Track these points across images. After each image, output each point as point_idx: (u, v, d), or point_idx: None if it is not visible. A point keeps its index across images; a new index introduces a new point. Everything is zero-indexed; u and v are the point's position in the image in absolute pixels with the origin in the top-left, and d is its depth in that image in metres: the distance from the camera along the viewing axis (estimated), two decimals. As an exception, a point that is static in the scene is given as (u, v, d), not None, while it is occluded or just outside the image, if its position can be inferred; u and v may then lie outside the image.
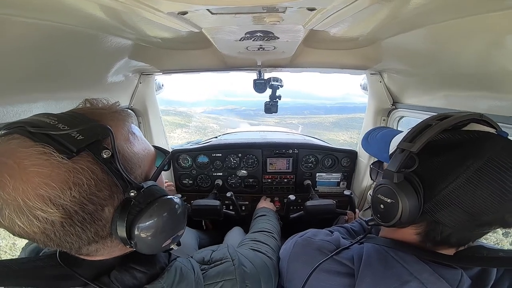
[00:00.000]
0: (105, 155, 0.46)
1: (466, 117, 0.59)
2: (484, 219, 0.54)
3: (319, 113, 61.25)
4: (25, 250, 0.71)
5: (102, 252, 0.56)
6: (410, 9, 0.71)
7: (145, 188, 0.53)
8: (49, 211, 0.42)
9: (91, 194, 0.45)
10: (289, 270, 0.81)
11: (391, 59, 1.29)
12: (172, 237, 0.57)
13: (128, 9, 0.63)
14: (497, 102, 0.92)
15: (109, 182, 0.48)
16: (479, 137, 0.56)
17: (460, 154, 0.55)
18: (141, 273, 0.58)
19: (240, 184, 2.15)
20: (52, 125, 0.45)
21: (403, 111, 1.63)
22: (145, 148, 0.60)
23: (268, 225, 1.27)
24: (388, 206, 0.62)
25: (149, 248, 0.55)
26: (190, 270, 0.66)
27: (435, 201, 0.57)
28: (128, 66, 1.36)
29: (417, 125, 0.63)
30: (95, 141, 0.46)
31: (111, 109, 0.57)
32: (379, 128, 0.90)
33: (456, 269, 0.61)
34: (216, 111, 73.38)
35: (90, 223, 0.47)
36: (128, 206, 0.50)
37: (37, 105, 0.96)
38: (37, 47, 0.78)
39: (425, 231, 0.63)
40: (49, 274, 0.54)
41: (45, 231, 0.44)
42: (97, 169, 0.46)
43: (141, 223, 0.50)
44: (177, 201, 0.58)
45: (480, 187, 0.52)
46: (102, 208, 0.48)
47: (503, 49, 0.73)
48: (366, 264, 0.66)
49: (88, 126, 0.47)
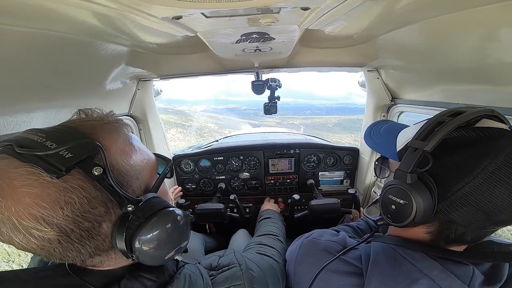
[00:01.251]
0: (96, 172, 0.45)
1: (478, 113, 0.58)
2: (500, 218, 0.53)
3: (321, 114, 60.33)
4: (34, 260, 0.72)
5: (108, 263, 0.56)
6: (404, 5, 0.71)
7: (143, 201, 0.52)
8: (44, 230, 0.42)
9: (85, 212, 0.44)
10: (296, 272, 0.80)
11: (387, 56, 1.29)
12: (175, 249, 0.56)
13: (122, 15, 0.64)
14: (495, 94, 0.92)
15: (103, 199, 0.47)
16: (494, 134, 0.54)
17: (477, 153, 0.53)
18: (150, 281, 0.57)
19: (243, 186, 2.15)
20: (39, 143, 0.44)
21: (402, 106, 1.63)
22: (144, 158, 0.58)
23: (273, 227, 1.27)
24: (401, 207, 0.60)
25: (151, 260, 0.54)
26: (198, 276, 0.66)
27: (450, 201, 0.55)
28: (125, 72, 1.36)
29: (428, 121, 0.61)
30: (86, 157, 0.45)
31: (103, 120, 0.55)
32: (381, 122, 0.87)
33: (467, 265, 0.60)
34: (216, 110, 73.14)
35: (88, 239, 0.47)
36: (126, 221, 0.49)
37: (36, 114, 0.96)
38: (33, 57, 0.79)
39: (438, 230, 0.61)
40: (59, 283, 0.53)
41: (43, 247, 0.44)
42: (88, 186, 0.45)
43: (141, 237, 0.50)
44: (178, 212, 0.56)
45: (498, 186, 0.50)
46: (99, 224, 0.48)
47: (498, 42, 0.72)
48: (374, 263, 0.65)
49: (76, 143, 0.45)
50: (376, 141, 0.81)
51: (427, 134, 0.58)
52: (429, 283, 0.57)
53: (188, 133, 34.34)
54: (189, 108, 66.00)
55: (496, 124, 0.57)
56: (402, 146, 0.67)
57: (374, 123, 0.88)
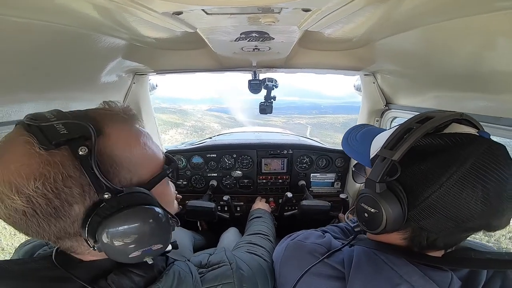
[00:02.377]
0: (81, 152, 0.46)
1: (447, 118, 0.58)
2: (469, 225, 0.54)
3: (327, 113, 59.40)
4: (18, 252, 0.70)
5: (81, 250, 0.54)
6: (403, 11, 0.72)
7: (124, 193, 0.51)
8: (13, 198, 0.43)
9: (56, 189, 0.44)
10: (281, 273, 0.81)
11: (384, 60, 1.30)
12: (143, 250, 0.52)
13: (122, 9, 0.63)
14: (486, 102, 0.93)
15: (81, 181, 0.47)
16: (461, 141, 0.55)
17: (443, 161, 0.54)
18: (139, 277, 0.57)
19: (235, 184, 2.15)
20: (47, 118, 0.48)
21: (396, 111, 1.65)
22: (148, 154, 0.58)
23: (263, 227, 1.28)
24: (372, 215, 0.61)
25: (113, 255, 0.51)
26: (188, 273, 0.65)
27: (419, 209, 0.56)
28: (121, 66, 1.34)
29: (398, 128, 0.61)
30: (78, 137, 0.47)
31: (115, 111, 0.57)
32: (358, 127, 0.86)
33: (445, 271, 0.61)
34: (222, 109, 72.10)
35: (55, 218, 0.46)
36: (96, 207, 0.48)
37: (27, 105, 0.94)
38: (28, 47, 0.77)
39: (411, 237, 0.62)
40: (45, 276, 0.53)
41: (9, 216, 0.45)
42: (69, 165, 0.45)
43: (106, 228, 0.48)
44: (159, 212, 0.54)
45: (464, 194, 0.51)
46: (70, 205, 0.46)
47: (492, 50, 0.74)
48: (356, 267, 0.66)
49: (75, 122, 0.48)
50: (352, 147, 0.80)
51: (396, 143, 0.58)
52: None
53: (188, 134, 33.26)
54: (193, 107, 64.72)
55: (466, 129, 0.58)
56: (374, 153, 0.68)
57: (352, 128, 0.87)
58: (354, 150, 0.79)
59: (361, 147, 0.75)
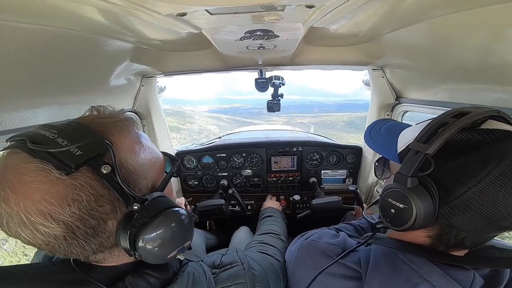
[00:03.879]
0: (104, 170, 0.45)
1: (484, 114, 0.55)
2: (503, 224, 0.51)
3: (330, 111, 58.06)
4: (38, 255, 0.72)
5: (111, 260, 0.56)
6: (410, 4, 0.70)
7: (149, 200, 0.53)
8: (50, 226, 0.42)
9: (91, 210, 0.45)
10: (294, 274, 0.80)
11: (392, 54, 1.28)
12: (178, 249, 0.56)
13: (127, 12, 0.64)
14: (501, 94, 0.91)
15: (110, 197, 0.48)
16: (500, 137, 0.52)
17: (481, 157, 0.51)
18: (154, 279, 0.58)
19: (245, 183, 2.16)
20: (51, 139, 0.45)
21: (406, 105, 1.62)
22: (152, 157, 0.59)
23: (275, 226, 1.27)
24: (400, 211, 0.58)
25: (153, 259, 0.54)
26: (202, 274, 0.66)
27: (452, 206, 0.53)
28: (129, 69, 1.36)
29: (431, 122, 0.58)
30: (95, 156, 0.46)
31: (114, 118, 0.55)
32: (382, 121, 0.84)
33: (468, 270, 0.59)
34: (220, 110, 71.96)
35: (93, 236, 0.47)
36: (131, 219, 0.50)
37: (41, 110, 0.97)
38: (38, 53, 0.79)
39: (438, 235, 0.60)
40: (64, 279, 0.54)
41: (49, 243, 0.45)
42: (96, 184, 0.45)
43: (145, 236, 0.50)
44: (182, 212, 0.56)
45: (503, 192, 0.48)
46: (104, 222, 0.48)
47: (504, 42, 0.71)
48: (373, 267, 0.64)
49: (87, 141, 0.47)
50: (376, 141, 0.78)
51: (430, 136, 0.56)
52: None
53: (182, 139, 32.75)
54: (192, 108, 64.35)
55: (503, 126, 0.55)
56: (403, 147, 0.65)
57: (374, 122, 0.85)
58: (378, 144, 0.77)
59: (386, 141, 0.74)
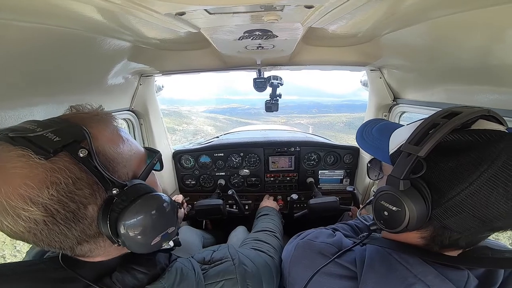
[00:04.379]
0: (81, 154, 0.47)
1: (475, 114, 0.55)
2: (496, 225, 0.52)
3: (328, 112, 57.60)
4: (29, 254, 0.72)
5: (97, 252, 0.56)
6: (408, 5, 0.70)
7: (129, 186, 0.54)
8: (30, 209, 0.44)
9: (70, 192, 0.46)
10: (291, 273, 0.80)
11: (390, 55, 1.28)
12: (161, 234, 0.57)
13: (125, 11, 0.63)
14: (497, 95, 0.91)
15: (89, 181, 0.49)
16: (491, 137, 0.52)
17: (473, 158, 0.51)
18: (142, 274, 0.58)
19: (243, 183, 2.16)
20: (31, 129, 0.47)
21: (404, 106, 1.63)
22: (132, 148, 0.61)
23: (270, 224, 1.27)
24: (393, 214, 0.58)
25: (137, 246, 0.55)
26: (190, 270, 0.66)
27: (445, 207, 0.53)
28: (127, 68, 1.36)
29: (422, 123, 0.58)
30: (72, 141, 0.48)
31: (92, 113, 0.59)
32: (374, 121, 0.84)
33: (462, 270, 0.59)
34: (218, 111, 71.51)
35: (74, 221, 0.48)
36: (110, 204, 0.51)
37: (38, 109, 0.96)
38: (35, 51, 0.78)
39: (432, 236, 0.60)
40: (52, 277, 0.54)
41: (30, 230, 0.46)
42: (74, 168, 0.47)
43: (126, 221, 0.51)
44: (164, 198, 0.58)
45: (495, 193, 0.48)
46: (84, 207, 0.49)
47: (502, 43, 0.72)
48: (368, 267, 0.65)
49: (63, 127, 0.50)
50: (368, 142, 0.78)
51: (421, 138, 0.56)
52: None
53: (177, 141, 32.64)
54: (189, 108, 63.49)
55: (493, 126, 0.55)
56: (394, 149, 0.65)
57: (366, 122, 0.85)
58: (370, 145, 0.77)
59: (378, 142, 0.74)
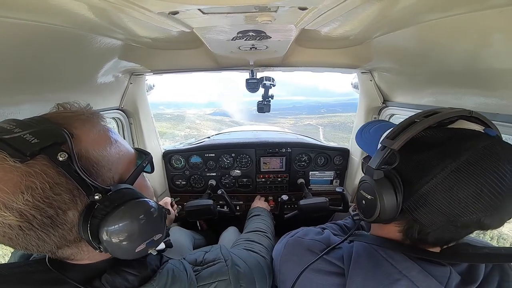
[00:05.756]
0: (61, 157, 0.45)
1: (453, 114, 0.58)
2: (460, 221, 0.53)
3: (337, 111, 56.28)
4: (14, 255, 0.70)
5: (81, 256, 0.55)
6: (400, 8, 0.72)
7: (113, 191, 0.51)
8: (3, 214, 0.42)
9: (47, 198, 0.44)
10: (281, 270, 0.81)
11: (381, 58, 1.30)
12: (146, 242, 0.54)
13: (117, 9, 0.62)
14: (484, 99, 0.94)
15: (68, 186, 0.46)
16: (462, 135, 0.55)
17: (440, 153, 0.54)
18: (132, 276, 0.57)
19: (234, 184, 2.15)
20: (8, 130, 0.45)
21: (393, 109, 1.66)
22: (120, 150, 0.58)
23: (262, 224, 1.27)
24: (369, 202, 0.62)
25: (120, 253, 0.52)
26: (182, 271, 0.66)
27: (413, 199, 0.57)
28: (118, 66, 1.34)
29: (403, 121, 0.63)
30: (52, 144, 0.45)
31: (78, 112, 0.55)
32: (375, 122, 0.87)
33: (444, 266, 0.61)
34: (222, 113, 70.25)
35: (52, 227, 0.46)
36: (92, 209, 0.49)
37: (24, 107, 0.93)
38: (23, 48, 0.76)
39: (405, 229, 0.63)
40: (39, 279, 0.53)
41: (5, 234, 0.44)
42: (52, 172, 0.45)
43: (108, 227, 0.48)
44: (151, 204, 0.55)
45: (456, 188, 0.51)
46: (64, 212, 0.47)
47: (488, 47, 0.74)
48: (355, 263, 0.66)
49: (42, 128, 0.47)
50: (364, 140, 0.82)
51: (397, 133, 0.59)
52: (408, 284, 0.58)
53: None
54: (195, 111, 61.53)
55: (472, 126, 0.58)
56: (379, 145, 0.69)
57: (368, 122, 0.89)
58: (365, 143, 0.81)
59: (372, 139, 0.77)
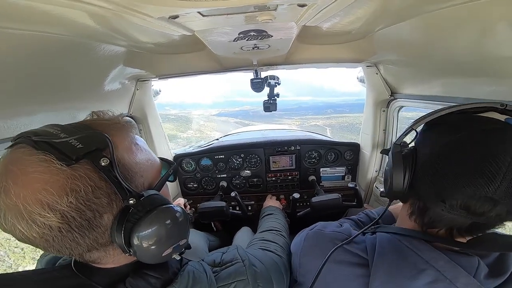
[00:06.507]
0: (103, 163, 0.47)
1: (477, 105, 0.58)
2: (448, 197, 0.54)
3: (344, 111, 55.60)
4: (41, 262, 0.72)
5: (106, 260, 0.56)
6: (399, 0, 0.70)
7: (145, 196, 0.53)
8: (47, 216, 0.43)
9: (88, 201, 0.46)
10: (301, 264, 0.80)
11: (385, 51, 1.28)
12: (173, 246, 0.57)
13: (118, 16, 0.63)
14: (493, 87, 0.91)
15: (108, 190, 0.49)
16: (479, 118, 0.56)
17: (448, 128, 0.58)
18: (155, 279, 0.58)
19: (245, 184, 2.16)
20: (54, 134, 0.47)
21: (402, 101, 1.63)
22: (149, 159, 0.60)
23: (275, 223, 1.27)
24: (386, 174, 0.69)
25: (148, 257, 0.54)
26: (202, 273, 0.67)
27: (416, 172, 0.61)
28: (123, 73, 1.36)
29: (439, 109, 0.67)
30: (95, 149, 0.47)
31: (114, 120, 0.58)
32: None
33: (472, 256, 0.60)
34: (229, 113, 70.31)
35: (88, 230, 0.48)
36: (126, 213, 0.51)
37: (37, 117, 0.96)
38: (30, 59, 0.78)
39: (412, 211, 0.66)
40: (66, 284, 0.54)
41: (43, 235, 0.45)
42: (95, 176, 0.47)
43: (140, 231, 0.51)
44: (178, 209, 0.58)
45: (442, 165, 0.55)
46: (100, 215, 0.49)
47: (497, 35, 0.72)
48: (380, 254, 0.66)
49: (87, 134, 0.49)
50: None
51: (423, 118, 0.65)
52: (434, 274, 0.58)
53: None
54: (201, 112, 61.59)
55: (497, 116, 0.56)
56: None
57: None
58: None
59: None
